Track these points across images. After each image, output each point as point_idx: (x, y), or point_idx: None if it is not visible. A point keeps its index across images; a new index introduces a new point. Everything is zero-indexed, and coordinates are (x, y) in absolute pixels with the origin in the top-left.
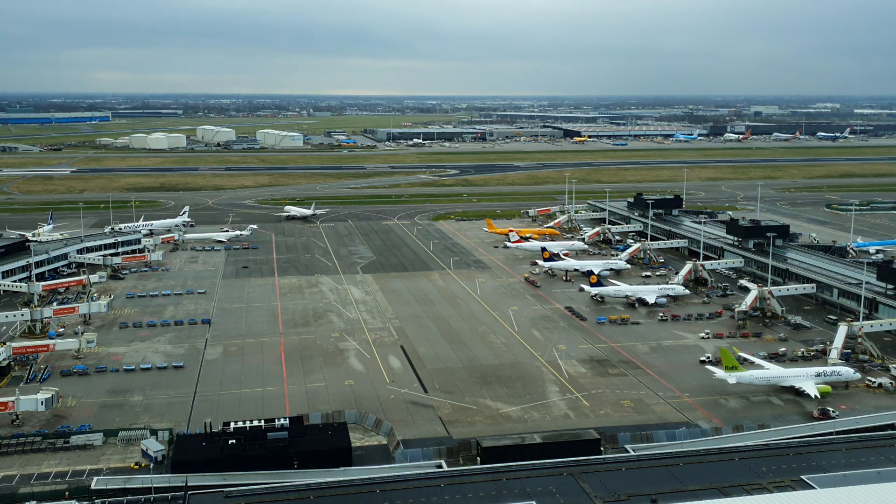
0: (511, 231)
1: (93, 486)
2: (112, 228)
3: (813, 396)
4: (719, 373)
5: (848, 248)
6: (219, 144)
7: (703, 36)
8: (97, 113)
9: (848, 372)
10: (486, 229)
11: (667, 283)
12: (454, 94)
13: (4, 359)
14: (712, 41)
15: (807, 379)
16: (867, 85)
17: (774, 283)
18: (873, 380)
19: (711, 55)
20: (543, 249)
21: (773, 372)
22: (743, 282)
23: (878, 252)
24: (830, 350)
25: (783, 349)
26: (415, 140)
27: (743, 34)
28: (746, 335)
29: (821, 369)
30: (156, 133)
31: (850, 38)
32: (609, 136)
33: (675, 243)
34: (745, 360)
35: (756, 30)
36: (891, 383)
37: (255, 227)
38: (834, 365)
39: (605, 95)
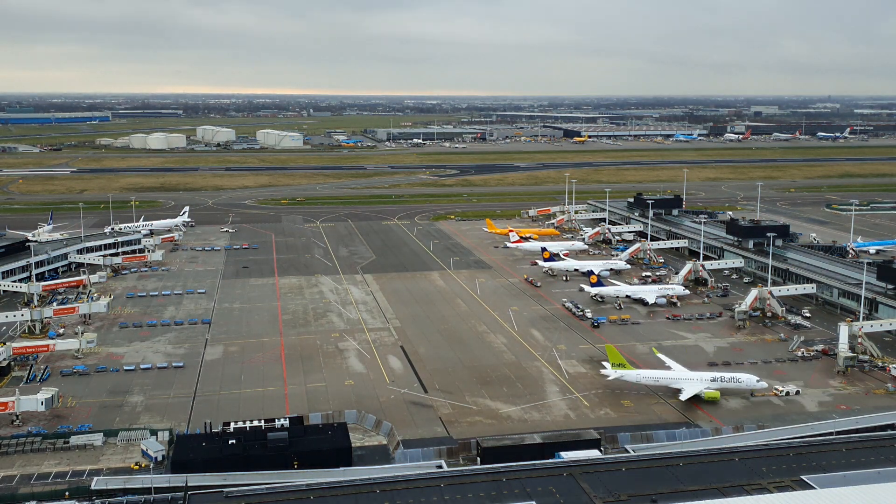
0: (511, 231)
1: (93, 487)
2: (112, 228)
3: (683, 399)
4: (608, 369)
5: (848, 249)
6: (219, 144)
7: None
8: (97, 113)
9: (750, 380)
10: (486, 229)
11: (667, 284)
12: (454, 94)
13: (4, 359)
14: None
15: (697, 382)
16: (867, 85)
17: (774, 284)
18: (781, 388)
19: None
20: (543, 249)
21: (663, 373)
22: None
23: (877, 253)
24: (839, 347)
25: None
26: (415, 140)
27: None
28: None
29: (718, 374)
30: (156, 133)
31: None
32: (609, 137)
33: (675, 243)
34: (661, 360)
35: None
36: (797, 390)
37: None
38: (738, 372)
39: (605, 96)
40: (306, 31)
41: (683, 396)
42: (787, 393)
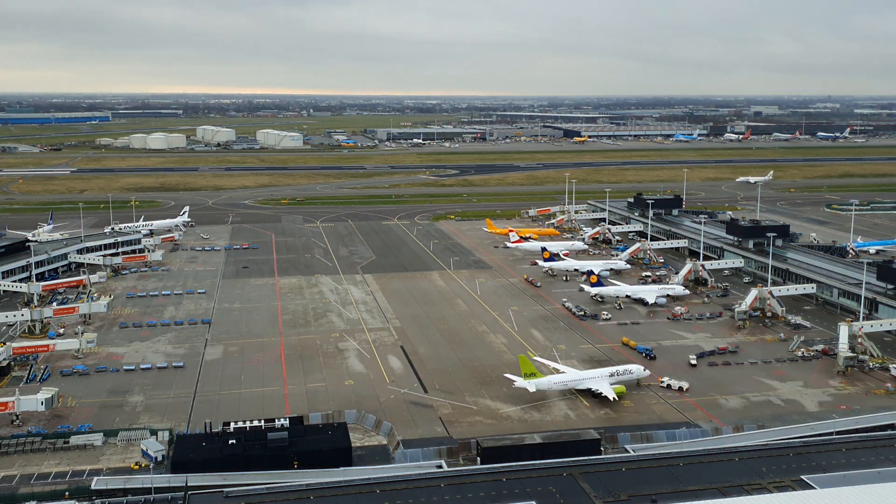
0: (511, 231)
1: (93, 486)
2: (112, 228)
3: (612, 399)
4: (519, 381)
5: (848, 249)
6: (219, 144)
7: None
8: (97, 113)
9: (639, 370)
10: (485, 229)
11: (667, 284)
12: (454, 94)
13: (4, 359)
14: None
15: (603, 380)
16: (867, 84)
17: (774, 284)
18: (665, 380)
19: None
20: (543, 249)
21: (569, 376)
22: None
23: (877, 253)
24: (839, 347)
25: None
26: (415, 140)
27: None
28: None
29: (614, 369)
30: (155, 133)
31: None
32: (609, 137)
33: (675, 243)
34: (542, 364)
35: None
36: (680, 387)
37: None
38: (628, 363)
39: (605, 95)
40: (250, 27)
41: (611, 396)
42: (670, 386)
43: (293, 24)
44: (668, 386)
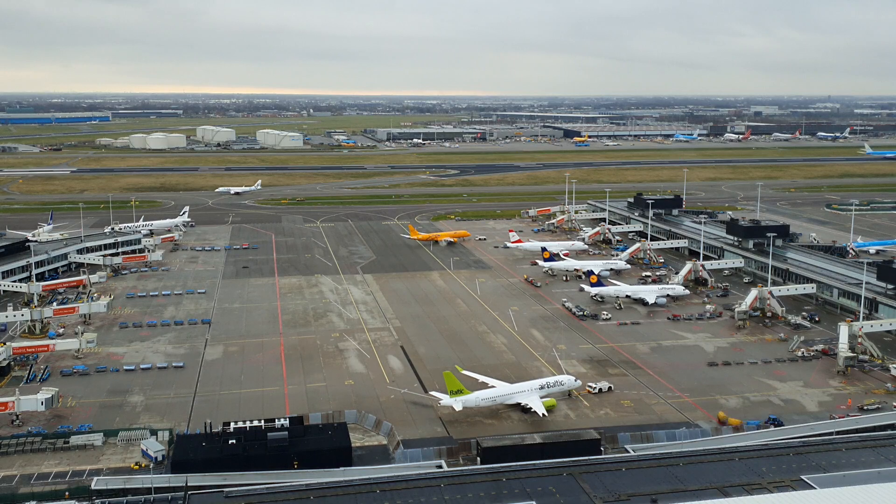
0: (426, 236)
1: (93, 486)
2: (112, 228)
3: (541, 415)
4: (445, 399)
5: (848, 249)
6: (219, 144)
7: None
8: (97, 113)
9: (569, 380)
10: (406, 235)
11: (667, 284)
12: (454, 94)
13: (4, 359)
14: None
15: (532, 394)
16: (866, 85)
17: (774, 284)
18: (594, 385)
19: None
20: (543, 249)
21: (498, 391)
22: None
23: (877, 253)
24: (839, 347)
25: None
26: (415, 140)
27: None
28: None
29: (544, 381)
30: (155, 133)
31: None
32: (609, 137)
33: (675, 243)
34: (471, 378)
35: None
36: (609, 387)
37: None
38: (557, 375)
39: (605, 95)
40: (147, 20)
41: (541, 412)
42: (600, 390)
43: (194, 19)
44: (600, 390)
